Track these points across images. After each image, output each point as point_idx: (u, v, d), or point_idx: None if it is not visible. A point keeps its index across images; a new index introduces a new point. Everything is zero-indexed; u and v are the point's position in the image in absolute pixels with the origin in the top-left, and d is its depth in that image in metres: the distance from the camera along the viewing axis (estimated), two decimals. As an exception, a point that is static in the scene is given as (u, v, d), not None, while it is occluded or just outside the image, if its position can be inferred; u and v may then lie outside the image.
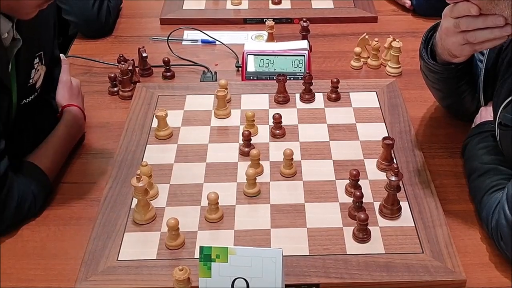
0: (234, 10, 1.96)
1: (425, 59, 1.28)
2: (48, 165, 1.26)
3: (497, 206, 1.09)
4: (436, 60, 1.26)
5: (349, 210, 1.17)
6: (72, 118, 1.39)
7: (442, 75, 1.28)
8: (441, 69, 1.26)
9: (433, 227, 1.15)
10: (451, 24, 1.11)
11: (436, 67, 1.27)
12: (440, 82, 1.33)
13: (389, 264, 1.08)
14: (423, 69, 1.34)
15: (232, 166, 1.31)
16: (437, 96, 1.42)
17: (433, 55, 1.27)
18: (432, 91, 1.41)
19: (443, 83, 1.32)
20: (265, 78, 1.58)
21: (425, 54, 1.28)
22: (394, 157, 1.31)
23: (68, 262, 1.12)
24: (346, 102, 1.50)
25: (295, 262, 1.08)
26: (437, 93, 1.40)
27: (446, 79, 1.29)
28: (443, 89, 1.36)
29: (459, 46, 1.14)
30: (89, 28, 1.82)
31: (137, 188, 1.14)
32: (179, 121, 1.44)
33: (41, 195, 1.22)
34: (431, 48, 1.27)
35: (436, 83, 1.34)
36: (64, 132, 1.35)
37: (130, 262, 1.09)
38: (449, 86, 1.32)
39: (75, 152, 1.38)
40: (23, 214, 1.19)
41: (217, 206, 1.17)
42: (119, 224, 1.17)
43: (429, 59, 1.27)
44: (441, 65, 1.26)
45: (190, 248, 1.12)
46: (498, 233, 1.08)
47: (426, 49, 1.28)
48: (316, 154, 1.34)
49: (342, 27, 1.89)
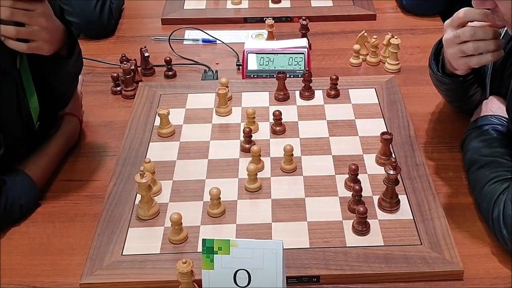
0: (234, 10, 1.98)
1: (434, 70, 1.30)
2: (39, 176, 1.27)
3: (499, 197, 1.11)
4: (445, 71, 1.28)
5: (348, 204, 1.19)
6: (72, 128, 1.40)
7: (450, 86, 1.31)
8: (448, 81, 1.29)
9: (431, 219, 1.17)
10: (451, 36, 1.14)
11: (443, 79, 1.29)
12: (448, 91, 1.36)
13: (388, 256, 1.10)
14: (432, 77, 1.36)
15: (234, 162, 1.33)
16: (445, 99, 1.46)
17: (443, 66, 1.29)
18: (440, 93, 1.44)
19: (451, 92, 1.35)
20: (265, 76, 1.60)
21: (434, 65, 1.30)
22: (393, 151, 1.33)
23: (74, 258, 1.15)
24: (345, 99, 1.52)
25: (295, 255, 1.10)
26: (445, 97, 1.44)
27: (455, 89, 1.32)
28: (451, 95, 1.39)
29: (456, 59, 1.17)
30: (91, 29, 1.85)
31: (140, 184, 1.16)
32: (181, 119, 1.47)
33: (29, 206, 1.24)
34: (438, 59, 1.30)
35: (444, 91, 1.37)
36: (62, 143, 1.35)
37: (135, 257, 1.12)
38: (458, 94, 1.36)
39: (79, 151, 1.41)
40: (6, 223, 1.20)
41: (219, 201, 1.19)
42: (123, 220, 1.19)
43: (438, 70, 1.29)
44: (449, 77, 1.28)
45: (193, 242, 1.14)
46: (501, 222, 1.09)
47: (437, 60, 1.30)
48: (316, 150, 1.36)
49: (341, 25, 1.91)
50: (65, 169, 1.36)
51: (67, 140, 1.37)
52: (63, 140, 1.36)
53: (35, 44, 1.18)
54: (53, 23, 1.20)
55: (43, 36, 1.17)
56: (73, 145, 1.41)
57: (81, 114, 1.46)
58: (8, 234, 1.20)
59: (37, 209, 1.25)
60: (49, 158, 1.31)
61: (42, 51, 1.20)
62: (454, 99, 1.42)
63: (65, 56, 1.28)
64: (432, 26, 1.89)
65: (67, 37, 1.27)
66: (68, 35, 1.27)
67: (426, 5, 1.93)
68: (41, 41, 1.18)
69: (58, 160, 1.34)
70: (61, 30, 1.24)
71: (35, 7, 1.15)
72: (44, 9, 1.17)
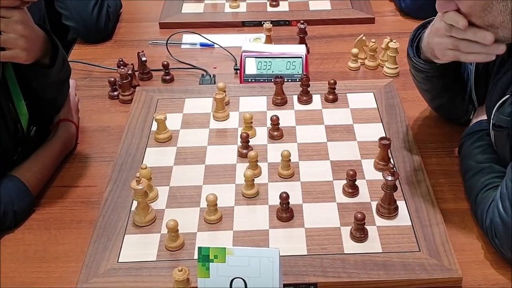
0: (232, 13, 1.97)
1: (410, 56, 1.29)
2: (34, 182, 1.25)
3: (491, 204, 1.10)
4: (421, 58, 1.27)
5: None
6: (68, 135, 1.38)
7: (428, 73, 1.29)
8: (425, 67, 1.27)
9: (429, 225, 1.16)
10: (442, 26, 1.11)
11: (421, 65, 1.27)
12: (426, 82, 1.33)
13: (386, 263, 1.09)
14: (410, 69, 1.35)
15: (231, 167, 1.32)
16: (426, 97, 1.43)
17: (419, 54, 1.28)
18: (421, 93, 1.42)
19: (429, 82, 1.33)
20: (263, 80, 1.60)
21: (411, 51, 1.29)
22: (391, 157, 1.32)
23: (69, 265, 1.14)
24: (343, 103, 1.51)
25: (293, 262, 1.09)
26: (425, 94, 1.41)
27: (432, 77, 1.30)
28: (430, 89, 1.36)
29: (443, 49, 1.14)
30: (89, 33, 1.84)
31: (136, 190, 1.16)
32: (178, 124, 1.46)
33: (23, 213, 1.22)
34: (417, 46, 1.27)
35: (423, 83, 1.35)
36: (58, 148, 1.34)
37: (131, 264, 1.11)
38: (435, 85, 1.33)
39: (75, 156, 1.40)
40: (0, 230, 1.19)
41: (216, 208, 1.18)
42: (120, 227, 1.18)
43: (414, 56, 1.28)
44: (425, 63, 1.26)
45: (190, 249, 1.13)
46: (493, 230, 1.09)
47: (413, 46, 1.29)
48: (314, 155, 1.35)
49: (340, 28, 1.91)
50: (61, 175, 1.35)
51: (62, 146, 1.36)
52: (58, 146, 1.34)
53: (11, 53, 1.15)
54: (32, 31, 1.18)
55: (20, 44, 1.15)
56: (69, 151, 1.40)
57: (77, 119, 1.45)
58: (3, 241, 1.19)
59: (32, 215, 1.24)
60: (44, 164, 1.29)
61: (20, 59, 1.17)
62: (434, 95, 1.38)
63: (48, 64, 1.26)
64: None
65: (49, 45, 1.24)
66: (50, 43, 1.24)
67: (425, 8, 1.91)
68: (18, 49, 1.15)
69: (53, 166, 1.33)
70: (42, 38, 1.22)
71: (11, 14, 1.13)
72: (21, 16, 1.15)
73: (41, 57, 1.23)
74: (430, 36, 1.18)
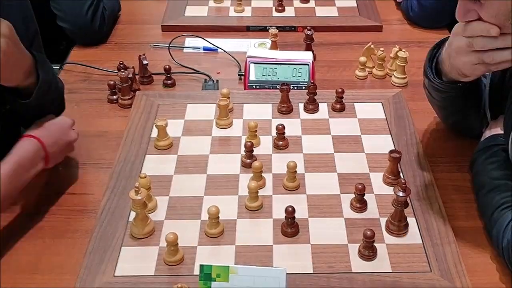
0: (237, 17, 1.93)
1: (430, 78, 1.23)
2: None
3: (509, 224, 1.06)
4: (442, 79, 1.22)
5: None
6: (23, 152, 1.16)
7: (449, 94, 1.24)
8: (447, 88, 1.22)
9: (441, 244, 1.11)
10: (463, 43, 1.07)
11: (442, 86, 1.22)
12: (445, 101, 1.29)
13: (396, 284, 1.04)
14: (428, 87, 1.29)
15: (234, 178, 1.27)
16: (440, 114, 1.38)
17: (439, 73, 1.23)
18: (435, 109, 1.37)
19: (449, 102, 1.28)
20: (268, 87, 1.55)
21: (430, 72, 1.23)
22: (401, 170, 1.27)
23: (63, 278, 1.08)
24: (351, 113, 1.47)
25: (298, 280, 1.04)
26: (441, 111, 1.36)
27: (454, 98, 1.25)
28: (449, 107, 1.31)
29: (471, 66, 1.09)
30: (83, 35, 1.79)
31: (135, 201, 1.10)
32: (180, 130, 1.41)
33: None
34: (436, 66, 1.23)
35: (441, 101, 1.30)
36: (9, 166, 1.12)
37: (127, 278, 1.06)
38: (456, 105, 1.28)
39: (71, 162, 1.34)
40: None
41: (217, 221, 1.13)
42: (116, 238, 1.13)
43: (435, 78, 1.22)
44: (448, 84, 1.21)
45: (189, 264, 1.08)
46: (510, 252, 1.04)
47: (431, 67, 1.24)
48: (320, 166, 1.30)
49: (347, 35, 1.86)
50: (56, 181, 1.29)
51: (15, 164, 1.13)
52: (7, 166, 1.12)
53: None
54: (17, 49, 1.10)
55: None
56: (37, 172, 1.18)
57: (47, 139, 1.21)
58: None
59: (25, 223, 1.19)
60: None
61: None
62: (450, 113, 1.34)
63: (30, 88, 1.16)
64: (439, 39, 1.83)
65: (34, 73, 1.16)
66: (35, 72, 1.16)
67: (433, 17, 1.88)
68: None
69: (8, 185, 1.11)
70: (27, 61, 1.14)
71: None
72: (5, 31, 1.06)
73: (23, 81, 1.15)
74: (452, 57, 1.13)
